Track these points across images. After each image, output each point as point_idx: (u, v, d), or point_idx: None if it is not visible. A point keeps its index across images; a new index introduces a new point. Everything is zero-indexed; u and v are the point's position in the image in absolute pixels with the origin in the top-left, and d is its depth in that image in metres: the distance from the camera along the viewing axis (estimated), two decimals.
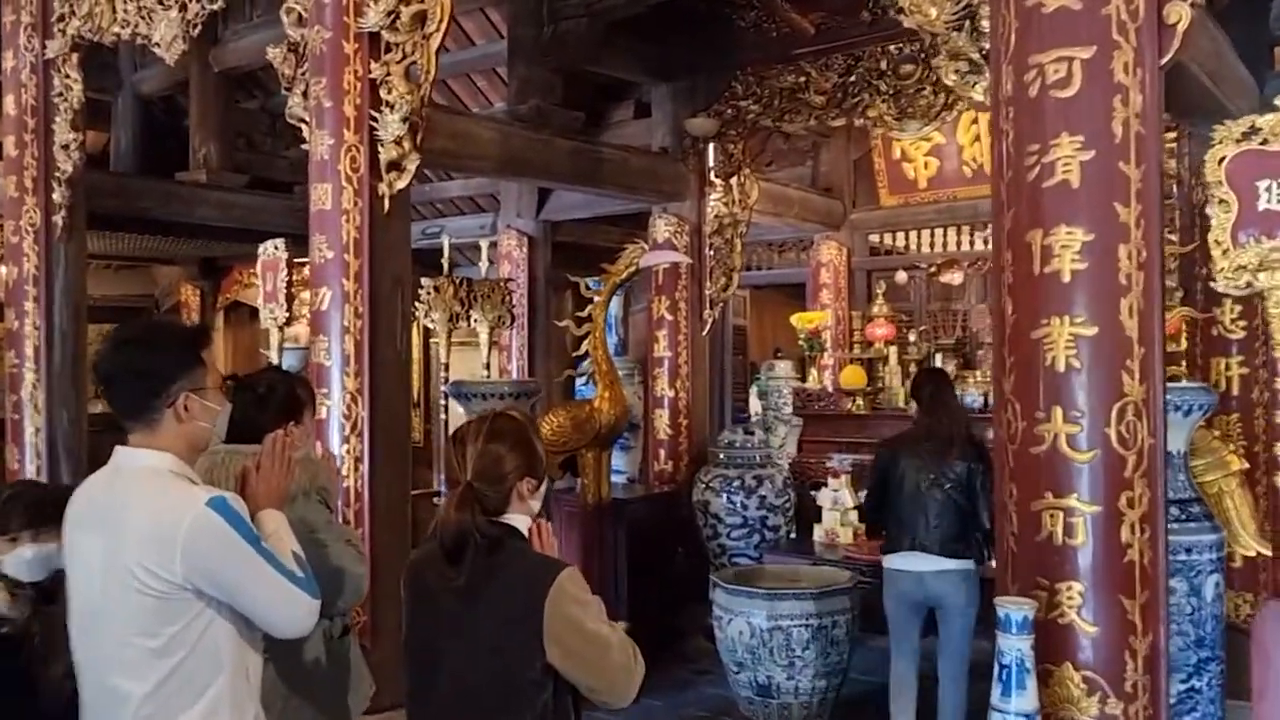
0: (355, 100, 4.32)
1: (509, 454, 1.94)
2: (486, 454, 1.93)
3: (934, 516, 4.11)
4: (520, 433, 1.98)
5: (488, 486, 1.92)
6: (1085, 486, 2.60)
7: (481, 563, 1.88)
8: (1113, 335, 2.59)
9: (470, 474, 1.92)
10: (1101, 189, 2.60)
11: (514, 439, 1.96)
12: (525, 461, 1.96)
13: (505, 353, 7.30)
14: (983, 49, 2.96)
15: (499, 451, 1.94)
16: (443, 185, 8.56)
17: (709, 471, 6.07)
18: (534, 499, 1.99)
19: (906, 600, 4.26)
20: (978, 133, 7.42)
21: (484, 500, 1.91)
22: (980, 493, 4.01)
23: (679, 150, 6.43)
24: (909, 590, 4.24)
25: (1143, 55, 2.61)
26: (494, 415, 2.01)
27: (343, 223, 4.32)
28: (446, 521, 1.91)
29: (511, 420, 2.00)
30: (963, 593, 4.14)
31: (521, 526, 1.96)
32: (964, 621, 4.18)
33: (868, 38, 5.78)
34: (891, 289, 7.69)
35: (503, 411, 2.04)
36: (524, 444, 1.97)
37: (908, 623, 4.29)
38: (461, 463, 1.94)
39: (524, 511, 1.98)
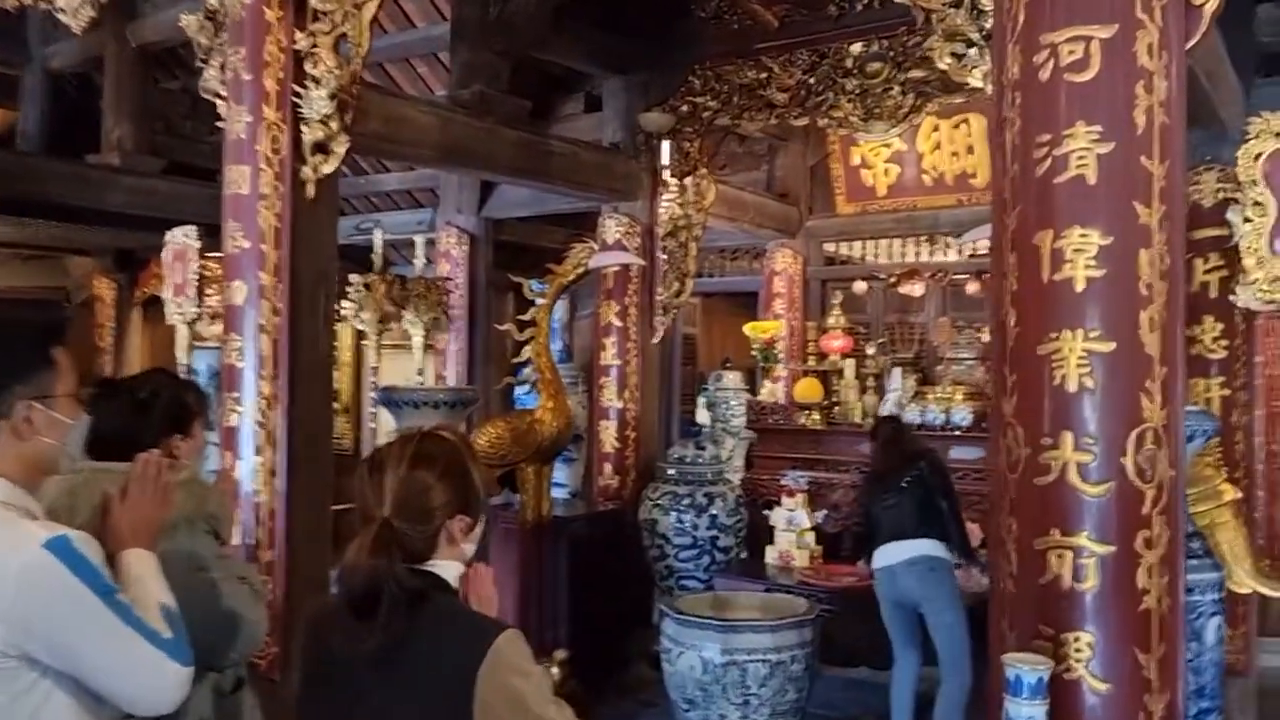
0: (277, 74, 3.90)
1: (438, 484, 1.55)
2: (410, 483, 1.54)
3: (894, 511, 4.36)
4: (453, 457, 1.59)
5: (410, 525, 1.53)
6: (1097, 523, 2.29)
7: (399, 623, 1.47)
8: (1131, 352, 2.28)
9: (389, 508, 1.53)
10: (1121, 186, 2.30)
11: (445, 465, 1.57)
12: (459, 494, 1.57)
13: (441, 357, 6.86)
14: (984, 28, 2.65)
15: (426, 481, 1.55)
16: (378, 178, 8.10)
17: (657, 488, 5.70)
18: (468, 541, 1.60)
19: (888, 601, 4.37)
20: (939, 140, 7.18)
21: (405, 542, 1.52)
22: (934, 488, 4.33)
23: (632, 147, 6.07)
24: (886, 590, 4.36)
25: (1168, 37, 2.31)
26: (421, 435, 1.61)
27: (261, 209, 3.90)
28: (355, 569, 1.51)
29: (442, 442, 1.61)
30: (932, 584, 4.23)
31: (451, 576, 1.56)
32: (950, 619, 4.20)
33: (834, 33, 5.47)
34: (848, 299, 7.41)
35: (432, 431, 1.64)
36: (457, 472, 1.58)
37: (895, 627, 4.36)
38: (378, 494, 1.54)
39: (454, 557, 1.58)
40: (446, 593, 1.54)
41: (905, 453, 4.49)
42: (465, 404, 4.78)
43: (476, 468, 1.62)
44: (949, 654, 4.20)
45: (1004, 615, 2.44)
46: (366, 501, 1.55)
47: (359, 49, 3.89)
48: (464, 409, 4.81)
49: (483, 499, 1.62)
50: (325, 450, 4.15)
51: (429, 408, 4.62)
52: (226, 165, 4.00)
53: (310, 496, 4.03)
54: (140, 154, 7.35)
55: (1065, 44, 2.33)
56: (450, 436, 1.64)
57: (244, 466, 3.90)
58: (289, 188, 3.90)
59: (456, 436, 1.66)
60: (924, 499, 4.32)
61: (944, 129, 7.08)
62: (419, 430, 1.63)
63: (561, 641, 5.29)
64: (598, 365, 6.18)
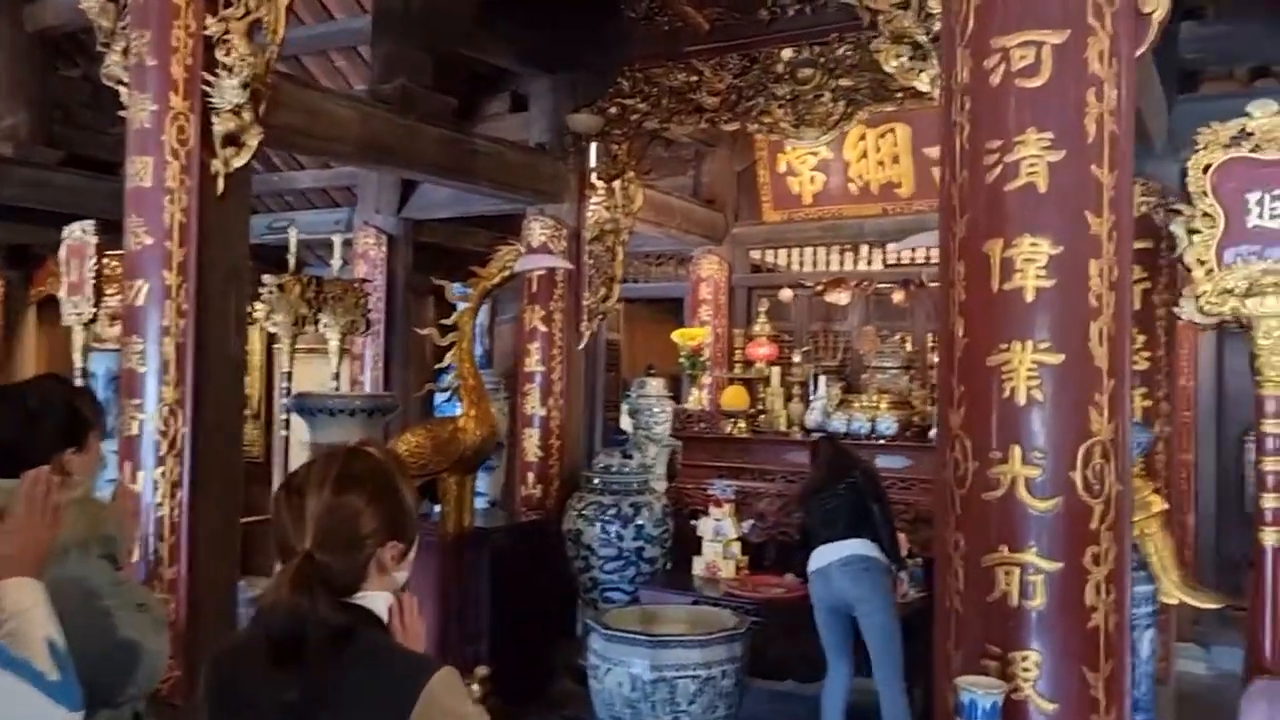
0: (185, 60, 3.67)
1: (368, 509, 1.40)
2: (337, 510, 1.38)
3: (828, 515, 4.40)
4: (383, 478, 1.43)
5: (337, 556, 1.37)
6: (1045, 539, 2.23)
7: (324, 665, 1.32)
8: (1081, 364, 2.24)
9: (311, 539, 1.37)
10: (1072, 195, 2.25)
11: (375, 487, 1.41)
12: (390, 519, 1.42)
13: (358, 362, 6.62)
14: (931, 31, 2.59)
15: (354, 506, 1.39)
16: (292, 175, 7.81)
17: (582, 498, 5.56)
18: (400, 569, 1.45)
19: (823, 605, 4.34)
20: (865, 149, 7.20)
21: (330, 576, 1.36)
22: (867, 493, 4.38)
23: (559, 148, 5.93)
24: (821, 592, 4.34)
25: (1118, 45, 2.28)
26: (346, 453, 1.45)
27: (166, 204, 3.67)
28: (274, 610, 1.34)
29: (370, 460, 1.45)
30: (866, 585, 4.22)
31: (380, 608, 1.41)
32: (882, 620, 4.19)
33: (765, 38, 5.41)
34: (773, 307, 7.38)
35: (358, 448, 1.48)
36: (388, 494, 1.43)
37: (828, 633, 4.34)
38: (298, 523, 1.38)
39: (385, 587, 1.43)
40: (375, 627, 1.39)
41: (841, 465, 4.55)
42: (384, 411, 4.59)
43: (407, 486, 1.47)
44: (882, 658, 4.18)
45: (950, 633, 2.37)
46: (285, 532, 1.39)
47: (275, 36, 3.69)
48: (382, 417, 4.62)
49: (415, 521, 1.47)
50: (234, 460, 3.93)
51: (345, 415, 4.43)
52: (129, 157, 3.76)
53: (217, 509, 3.80)
54: (36, 144, 6.95)
55: (1017, 48, 2.27)
56: (378, 454, 1.48)
57: (145, 478, 3.67)
58: (197, 181, 3.68)
59: (385, 453, 1.51)
60: (857, 503, 4.36)
61: (870, 138, 7.10)
62: (343, 448, 1.47)
63: (483, 656, 5.11)
64: (521, 372, 6.02)
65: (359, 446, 1.49)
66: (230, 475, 3.88)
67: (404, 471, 1.49)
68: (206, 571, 3.75)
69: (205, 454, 3.72)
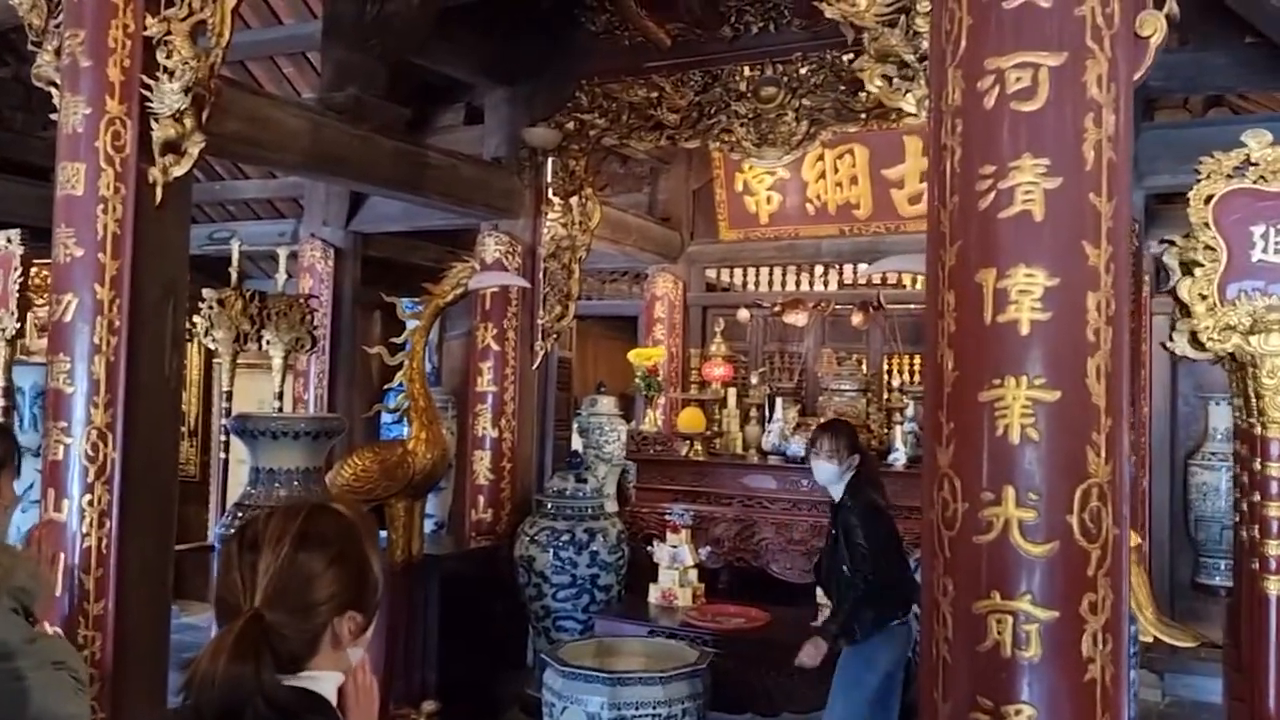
0: (123, 61, 3.45)
1: (329, 572, 1.23)
2: (293, 569, 1.21)
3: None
4: (350, 540, 1.26)
5: (289, 620, 1.20)
6: (1040, 586, 2.12)
7: None
8: (1078, 402, 2.13)
9: (261, 597, 1.20)
10: (1069, 224, 2.15)
11: (340, 550, 1.24)
12: (351, 586, 1.25)
13: (301, 380, 6.37)
14: (919, 49, 2.49)
15: (313, 568, 1.22)
16: (235, 184, 7.52)
17: (534, 523, 5.38)
18: (355, 645, 1.27)
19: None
20: (823, 170, 7.14)
21: (278, 642, 1.18)
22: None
23: (514, 162, 5.77)
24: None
25: (1117, 69, 2.18)
26: (312, 508, 1.28)
27: (99, 213, 3.44)
28: (209, 679, 1.17)
29: (337, 520, 1.28)
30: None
31: (329, 691, 1.23)
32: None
33: (728, 55, 5.32)
34: (728, 327, 7.27)
35: (326, 504, 1.31)
36: (353, 559, 1.26)
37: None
38: (248, 578, 1.21)
39: (336, 665, 1.25)
40: (323, 713, 1.21)
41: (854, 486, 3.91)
42: (330, 434, 4.37)
43: (375, 554, 1.30)
44: None
45: (938, 684, 2.24)
46: (231, 589, 1.21)
47: (220, 39, 3.49)
48: (328, 440, 4.40)
49: (379, 594, 1.30)
50: (169, 487, 3.69)
51: (289, 438, 4.21)
52: (60, 163, 3.53)
53: (150, 540, 3.57)
54: None
55: (1012, 70, 2.17)
56: (347, 513, 1.31)
57: (70, 506, 3.42)
58: (133, 190, 3.46)
59: (354, 513, 1.33)
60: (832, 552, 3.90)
61: (829, 158, 7.04)
62: (308, 501, 1.30)
63: (430, 689, 4.91)
64: (473, 391, 5.83)
65: (327, 503, 1.32)
66: (164, 504, 3.64)
67: (373, 536, 1.32)
68: (137, 607, 3.51)
69: (137, 481, 3.49)
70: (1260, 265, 2.20)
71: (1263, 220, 2.19)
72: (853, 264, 7.34)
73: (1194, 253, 2.22)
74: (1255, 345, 2.16)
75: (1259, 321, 2.14)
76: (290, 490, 4.15)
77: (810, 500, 5.72)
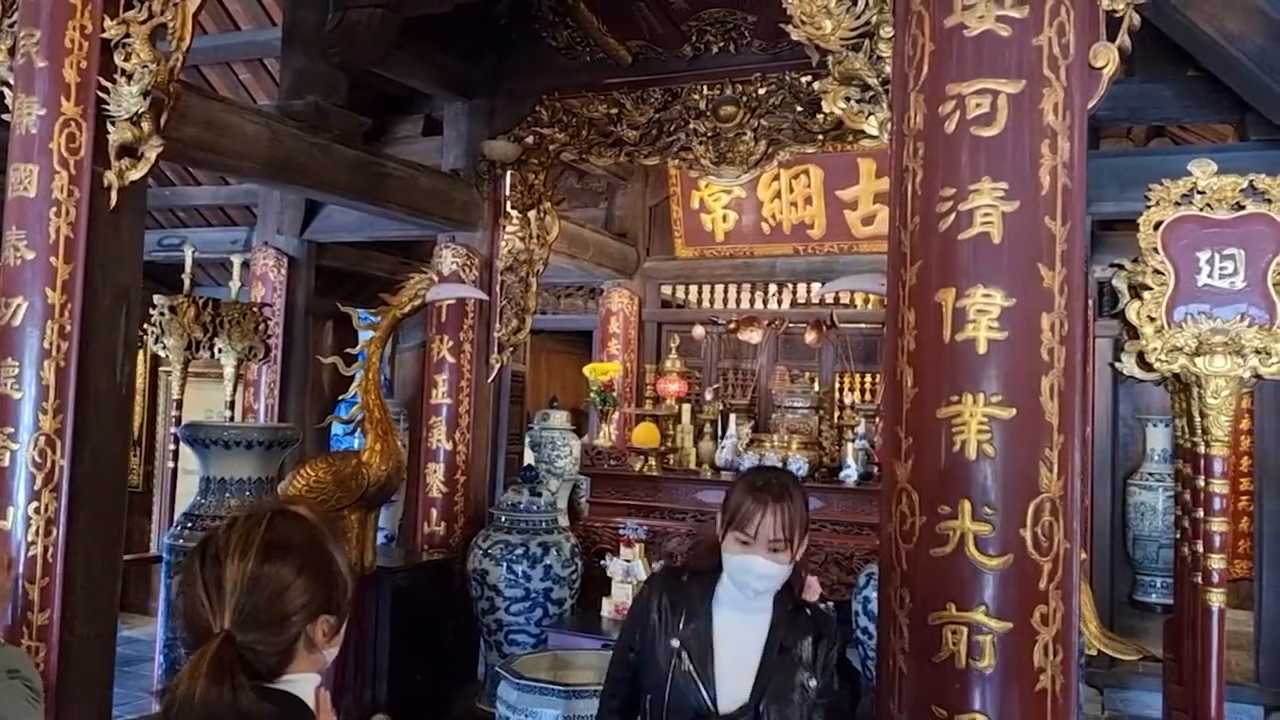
0: (79, 62, 3.41)
1: (299, 581, 1.22)
2: (263, 582, 1.20)
3: None
4: (316, 544, 1.26)
5: (262, 636, 1.19)
6: (994, 598, 2.17)
7: None
8: (1032, 419, 2.19)
9: (230, 618, 1.18)
10: (1025, 246, 2.22)
11: (307, 555, 1.24)
12: (323, 590, 1.25)
13: (252, 389, 6.28)
14: (883, 74, 2.55)
15: (282, 578, 1.21)
16: (187, 190, 7.42)
17: (488, 536, 5.35)
18: (330, 646, 1.27)
19: None
20: (779, 189, 7.23)
21: (254, 659, 1.18)
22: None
23: (473, 175, 5.77)
24: None
25: (1072, 98, 2.26)
26: (272, 515, 1.27)
27: (51, 216, 3.38)
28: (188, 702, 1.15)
29: (300, 524, 1.27)
30: None
31: (308, 693, 1.23)
32: None
33: (688, 74, 5.38)
34: (683, 343, 7.31)
35: (286, 509, 1.30)
36: (321, 563, 1.25)
37: None
38: (215, 598, 1.19)
39: (313, 667, 1.25)
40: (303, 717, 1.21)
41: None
42: (283, 444, 4.32)
43: (341, 554, 1.30)
44: None
45: (893, 694, 2.28)
46: (198, 609, 1.20)
47: (180, 43, 3.45)
48: (281, 450, 4.35)
49: (350, 593, 1.30)
50: (118, 497, 3.62)
51: (242, 448, 4.16)
52: (12, 164, 3.46)
53: (98, 550, 3.49)
54: None
55: (972, 96, 2.24)
56: (309, 516, 1.30)
57: (16, 515, 3.35)
58: (87, 194, 3.40)
59: (315, 515, 1.33)
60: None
61: (784, 178, 7.14)
62: (266, 507, 1.29)
63: (381, 701, 4.87)
64: (427, 404, 5.80)
65: (286, 507, 1.30)
66: (113, 513, 3.58)
67: (335, 535, 1.32)
68: (83, 618, 3.44)
69: (86, 489, 3.42)
70: (1206, 289, 2.28)
71: (1208, 246, 2.28)
72: (806, 283, 7.43)
73: (1143, 276, 2.30)
74: (1200, 366, 2.24)
75: (1204, 344, 2.22)
76: (242, 500, 4.10)
77: None
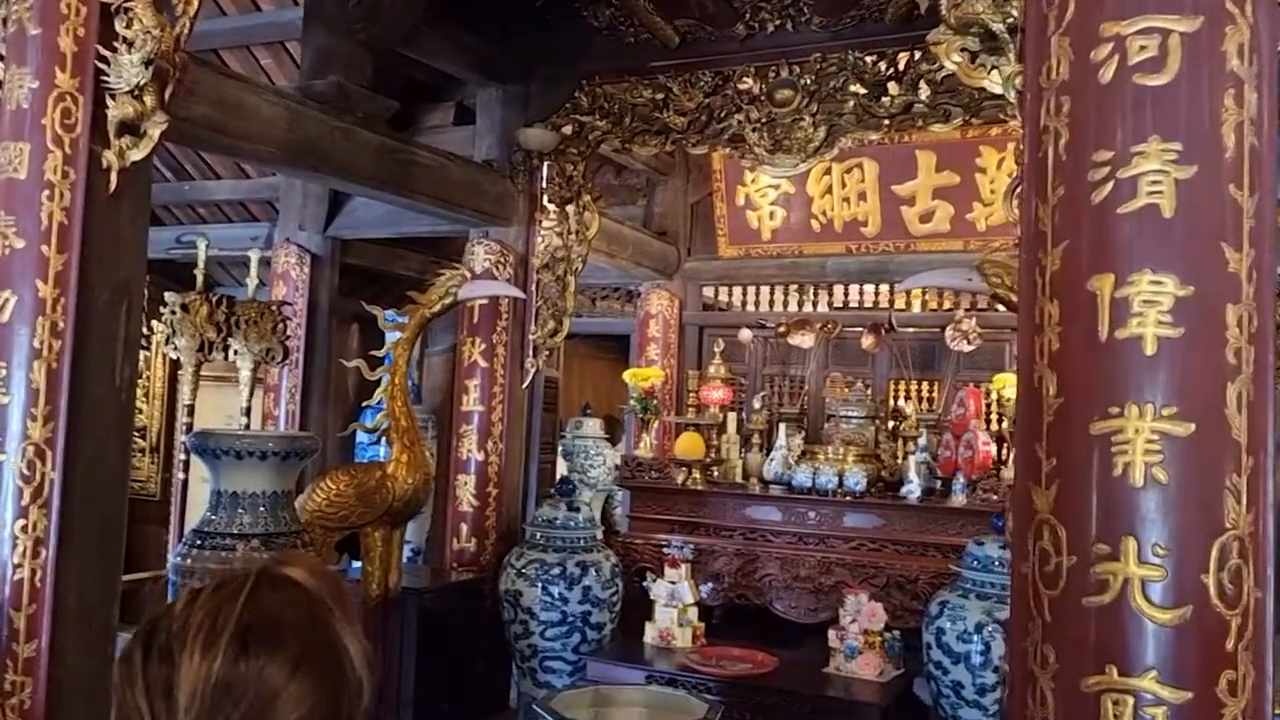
0: (77, 29, 3.05)
1: (292, 685, 0.81)
2: (236, 689, 0.79)
3: None
4: (314, 625, 0.85)
5: None
6: (1168, 661, 1.74)
7: None
8: (1214, 437, 1.76)
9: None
10: (1205, 222, 1.78)
11: (304, 646, 0.83)
12: (328, 696, 0.83)
13: (271, 394, 5.93)
14: (1010, 17, 2.13)
15: (269, 681, 0.80)
16: (206, 185, 7.09)
17: (522, 555, 4.96)
18: None
19: None
20: (830, 184, 6.80)
21: None
22: None
23: (507, 166, 5.38)
24: None
25: (1259, 39, 1.83)
26: (252, 587, 0.85)
27: (44, 200, 3.02)
28: None
29: (294, 595, 0.86)
30: None
31: None
32: None
33: (741, 55, 4.97)
34: (728, 348, 6.88)
35: (274, 571, 0.88)
36: (324, 654, 0.84)
37: None
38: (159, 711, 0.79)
39: None
40: None
41: None
42: (302, 455, 3.94)
43: (354, 636, 0.88)
44: None
45: None
46: None
47: (187, 7, 3.09)
48: (300, 461, 3.97)
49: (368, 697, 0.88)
50: (116, 513, 3.25)
51: (255, 458, 3.78)
52: (1, 142, 3.11)
53: (92, 573, 3.13)
54: None
55: (1135, 37, 1.81)
56: (305, 580, 0.88)
57: (1, 533, 2.99)
58: (83, 175, 3.05)
59: (314, 578, 0.90)
60: None
61: (836, 173, 6.71)
62: (244, 574, 0.87)
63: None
64: (458, 411, 5.41)
65: (275, 568, 0.88)
66: (110, 531, 3.21)
67: (345, 605, 0.90)
68: (75, 649, 3.08)
69: (80, 505, 3.07)
70: None
71: None
72: (859, 284, 6.99)
73: None
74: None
75: None
76: (256, 517, 3.72)
77: (818, 534, 5.35)
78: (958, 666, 4.03)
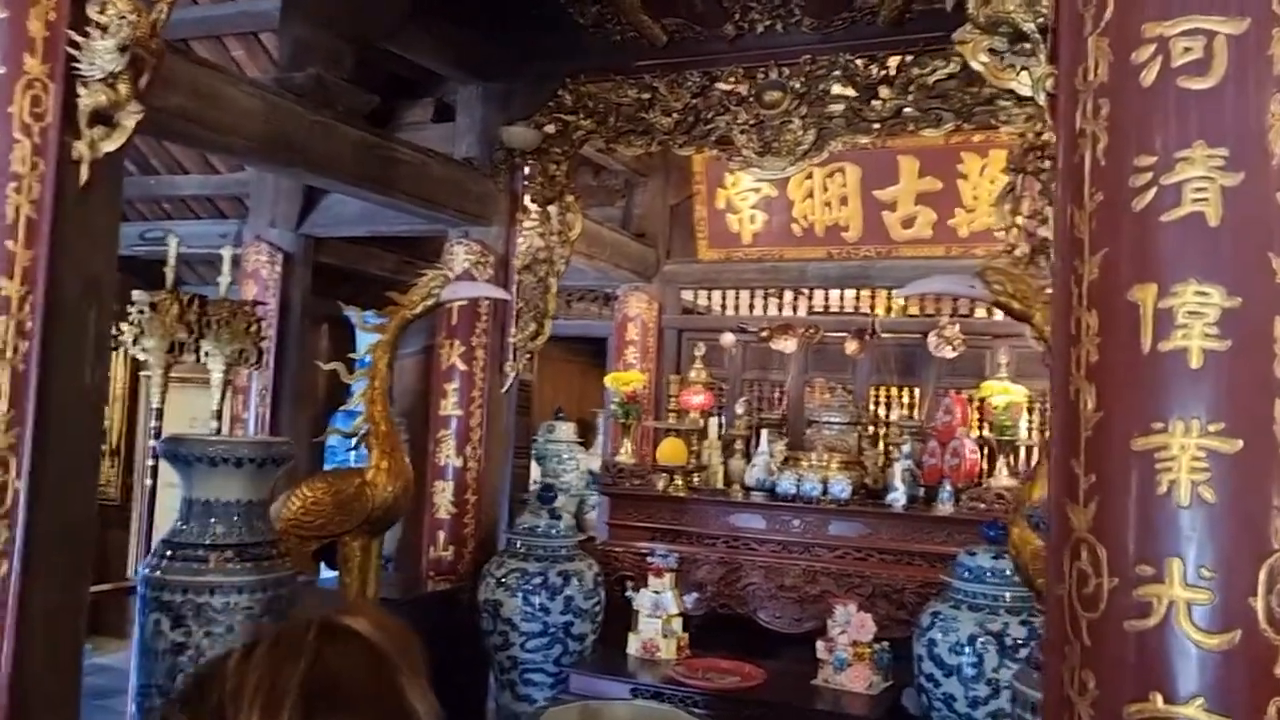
0: (46, 14, 2.88)
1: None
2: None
3: None
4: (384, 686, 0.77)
5: None
6: (1215, 688, 1.66)
7: None
8: (1264, 454, 1.68)
9: None
10: (1253, 231, 1.71)
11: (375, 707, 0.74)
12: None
13: (241, 397, 5.75)
14: (1042, 16, 2.05)
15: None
16: (173, 179, 6.88)
17: (502, 564, 4.84)
18: None
19: None
20: (811, 189, 6.74)
21: None
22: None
23: (489, 164, 5.26)
24: None
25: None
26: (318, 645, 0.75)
27: (10, 193, 2.85)
28: None
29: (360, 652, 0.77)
30: None
31: None
32: None
33: (729, 55, 4.89)
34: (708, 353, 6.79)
35: (337, 625, 0.78)
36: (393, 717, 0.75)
37: None
38: None
39: None
40: None
41: None
42: (278, 462, 3.79)
43: (420, 690, 0.79)
44: None
45: None
46: None
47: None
48: (275, 468, 3.82)
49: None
50: (85, 522, 3.09)
51: (230, 465, 3.63)
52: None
53: (59, 586, 2.96)
54: None
55: (1179, 38, 1.74)
56: (368, 632, 0.79)
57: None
58: (53, 167, 2.88)
59: (380, 628, 0.81)
60: None
61: (818, 177, 6.65)
62: (305, 626, 0.77)
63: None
64: (435, 415, 5.27)
65: (336, 619, 0.78)
66: (77, 542, 3.05)
67: (414, 660, 0.81)
68: (41, 665, 2.91)
69: (46, 514, 2.89)
70: None
71: None
72: (840, 289, 6.94)
73: None
74: None
75: None
76: (230, 526, 3.57)
77: (802, 543, 5.27)
78: (950, 679, 3.97)
